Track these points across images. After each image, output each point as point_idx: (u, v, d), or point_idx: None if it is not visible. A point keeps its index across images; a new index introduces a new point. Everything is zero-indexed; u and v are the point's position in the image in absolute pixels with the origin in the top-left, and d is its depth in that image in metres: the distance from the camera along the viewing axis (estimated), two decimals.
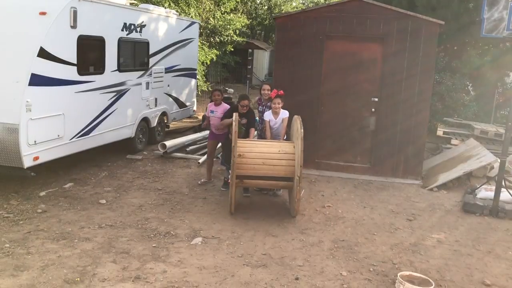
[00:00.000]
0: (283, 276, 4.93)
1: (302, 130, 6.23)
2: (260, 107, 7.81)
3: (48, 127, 7.09)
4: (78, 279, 4.65)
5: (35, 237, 5.59)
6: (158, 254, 5.30)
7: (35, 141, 6.80)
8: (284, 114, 7.22)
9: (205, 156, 8.57)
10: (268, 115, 7.32)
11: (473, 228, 6.62)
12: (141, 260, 5.13)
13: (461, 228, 6.59)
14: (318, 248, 5.66)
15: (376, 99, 8.75)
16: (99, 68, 8.29)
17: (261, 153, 6.50)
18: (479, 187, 7.85)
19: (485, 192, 7.57)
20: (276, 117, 7.23)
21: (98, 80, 8.22)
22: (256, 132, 7.92)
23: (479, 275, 5.19)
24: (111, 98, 8.65)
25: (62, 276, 4.69)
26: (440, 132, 11.62)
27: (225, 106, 7.61)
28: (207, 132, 11.63)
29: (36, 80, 6.78)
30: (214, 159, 8.46)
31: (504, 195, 7.26)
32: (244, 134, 7.27)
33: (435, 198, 7.89)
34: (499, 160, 7.59)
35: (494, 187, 7.29)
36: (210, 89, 19.19)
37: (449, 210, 7.33)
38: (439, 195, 8.10)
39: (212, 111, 7.73)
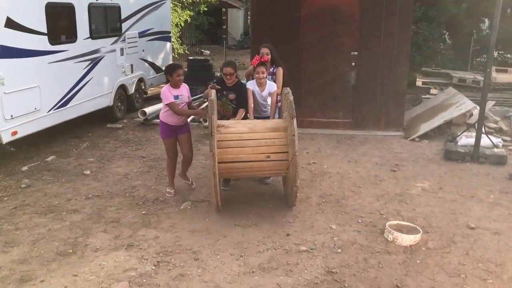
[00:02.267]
0: (274, 234, 5.00)
1: (293, 106, 5.17)
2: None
3: (24, 100, 6.90)
4: (71, 250, 4.65)
5: (21, 212, 5.53)
6: (148, 220, 5.31)
7: (11, 116, 6.63)
8: (272, 87, 6.02)
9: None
10: (251, 84, 6.00)
11: (456, 175, 6.77)
12: (132, 227, 5.14)
13: (444, 176, 6.74)
14: (306, 204, 5.73)
15: (356, 53, 8.71)
16: (71, 37, 8.03)
17: (247, 138, 5.30)
18: (459, 135, 7.99)
19: (466, 139, 7.71)
20: (262, 89, 5.98)
21: (71, 49, 7.97)
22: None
23: (464, 219, 5.35)
24: (86, 67, 8.42)
25: (54, 249, 4.68)
26: (419, 82, 11.72)
27: (186, 86, 5.89)
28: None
29: (6, 52, 6.54)
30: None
31: (484, 141, 7.41)
32: (234, 113, 5.96)
33: (417, 148, 8.02)
34: (478, 107, 7.71)
35: (474, 134, 7.43)
36: (187, 52, 18.87)
37: (432, 159, 7.47)
38: (421, 144, 8.23)
39: (176, 96, 5.66)
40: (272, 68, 6.35)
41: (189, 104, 5.90)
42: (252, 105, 5.94)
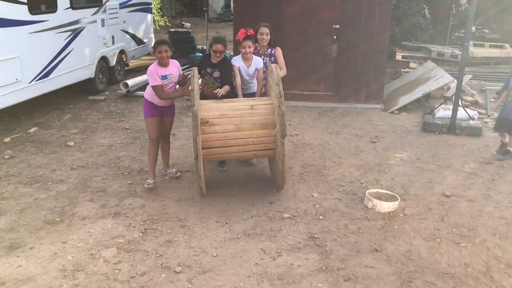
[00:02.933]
0: (258, 202, 5.14)
1: (280, 85, 4.96)
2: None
3: (4, 71, 6.81)
4: (58, 219, 4.72)
5: (6, 182, 5.55)
6: (134, 190, 5.40)
7: None
8: (258, 63, 5.66)
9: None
10: (237, 60, 5.62)
11: (433, 146, 6.99)
12: (118, 197, 5.22)
13: (422, 147, 6.96)
14: (289, 174, 5.87)
15: (338, 26, 8.77)
16: (51, 6, 7.89)
17: (232, 116, 5.10)
18: (437, 107, 8.20)
19: (443, 112, 7.92)
20: (248, 65, 5.60)
21: (52, 19, 7.84)
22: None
23: (440, 188, 5.57)
24: (67, 38, 8.31)
25: (41, 217, 4.74)
26: (399, 56, 11.86)
27: (175, 63, 5.41)
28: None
29: None
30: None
31: (461, 113, 7.63)
32: None
33: (396, 120, 8.22)
34: (455, 81, 7.91)
35: (451, 107, 7.64)
36: (168, 24, 18.63)
37: (410, 131, 7.67)
38: (400, 117, 8.43)
39: (164, 76, 5.19)
40: (270, 49, 5.91)
41: (181, 81, 5.45)
42: (240, 83, 5.62)
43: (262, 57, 5.83)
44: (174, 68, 5.32)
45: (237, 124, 5.10)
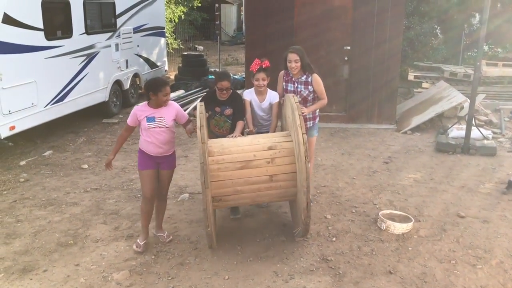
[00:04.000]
0: (270, 223, 5.12)
1: (300, 113, 4.27)
2: (289, 84, 5.17)
3: (21, 95, 6.97)
4: (71, 241, 4.75)
5: (21, 205, 5.61)
6: None
7: (9, 111, 6.70)
8: (273, 97, 5.09)
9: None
10: (249, 94, 5.10)
11: (447, 166, 6.93)
12: (131, 219, 5.24)
13: (435, 167, 6.89)
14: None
15: (349, 47, 8.83)
16: (67, 32, 8.10)
17: (244, 159, 4.35)
18: (450, 127, 8.15)
19: (457, 131, 7.87)
20: (262, 99, 5.06)
21: (67, 44, 8.03)
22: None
23: (454, 209, 5.49)
24: (82, 62, 8.49)
25: (55, 240, 4.77)
26: (411, 76, 11.86)
27: (174, 106, 4.53)
28: (181, 91, 11.65)
29: (4, 48, 6.61)
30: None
31: (475, 133, 7.57)
32: (232, 129, 4.93)
33: (409, 141, 8.17)
34: (468, 100, 7.87)
35: (464, 126, 7.59)
36: (181, 46, 18.90)
37: (423, 151, 7.62)
38: (413, 137, 8.38)
39: (150, 118, 4.35)
40: (305, 76, 5.08)
41: (184, 125, 4.62)
42: (250, 117, 5.04)
43: (296, 84, 5.10)
44: (169, 111, 4.42)
45: (249, 161, 4.38)
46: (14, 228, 5.02)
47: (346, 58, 8.90)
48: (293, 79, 5.13)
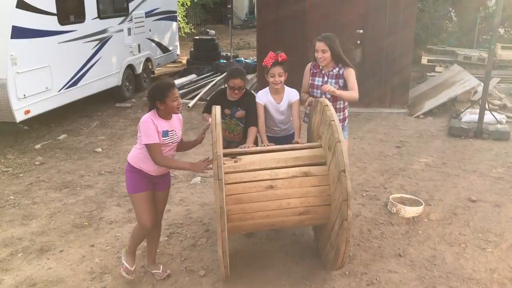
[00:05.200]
0: None
1: (336, 120, 3.57)
2: (317, 78, 4.45)
3: (35, 79, 7.06)
4: (86, 223, 4.85)
5: (37, 188, 5.73)
6: None
7: (24, 95, 6.79)
8: (292, 95, 4.36)
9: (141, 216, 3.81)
10: (263, 96, 4.35)
11: (459, 150, 6.90)
12: None
13: (448, 151, 6.87)
14: None
15: (361, 31, 8.76)
16: (80, 17, 8.14)
17: (267, 177, 3.64)
18: (463, 111, 8.09)
19: (470, 116, 7.81)
20: (279, 99, 4.33)
21: (80, 29, 8.08)
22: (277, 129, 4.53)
23: (466, 193, 5.49)
24: (95, 47, 8.54)
25: (70, 221, 4.88)
26: (424, 60, 11.75)
27: (179, 117, 3.81)
28: (193, 75, 11.67)
29: (18, 33, 6.68)
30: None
31: (488, 117, 7.51)
32: (245, 134, 4.32)
33: (422, 125, 8.14)
34: (482, 84, 7.79)
35: (478, 110, 7.53)
36: (193, 30, 18.86)
37: (436, 135, 7.59)
38: (426, 121, 8.34)
39: (165, 132, 3.59)
40: (337, 69, 4.39)
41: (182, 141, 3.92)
42: (263, 126, 4.31)
43: (326, 78, 4.40)
44: (178, 123, 3.77)
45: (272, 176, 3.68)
46: (31, 210, 5.14)
47: (358, 41, 8.84)
48: (322, 72, 4.42)
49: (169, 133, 3.61)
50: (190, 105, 9.38)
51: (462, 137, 7.41)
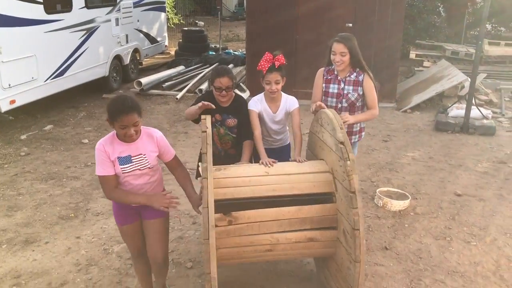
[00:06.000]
0: None
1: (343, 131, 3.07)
2: (331, 85, 3.96)
3: (21, 69, 6.95)
4: (73, 215, 4.81)
5: (23, 179, 5.67)
6: None
7: (9, 85, 6.69)
8: (291, 102, 3.80)
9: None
10: (257, 103, 3.76)
11: (445, 145, 6.96)
12: None
13: (434, 146, 6.93)
14: None
15: (350, 25, 8.77)
16: (66, 6, 8.02)
17: (267, 242, 3.14)
18: (450, 106, 8.15)
19: (456, 111, 7.88)
20: (275, 107, 3.77)
21: (67, 18, 7.97)
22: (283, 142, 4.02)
23: (451, 187, 5.55)
24: (82, 37, 8.44)
25: (56, 213, 4.84)
26: (412, 55, 11.79)
27: (153, 135, 3.03)
28: (181, 67, 11.60)
29: (3, 21, 6.57)
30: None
31: (474, 112, 7.58)
32: (236, 145, 3.79)
33: (409, 119, 8.19)
34: (469, 79, 7.85)
35: (464, 105, 7.59)
36: (182, 21, 18.72)
37: (423, 130, 7.64)
38: (413, 116, 8.40)
39: (124, 159, 2.93)
40: (355, 74, 3.90)
41: (171, 164, 3.17)
42: (260, 138, 3.68)
43: (342, 85, 3.91)
44: (149, 144, 3.00)
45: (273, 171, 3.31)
46: (16, 201, 5.08)
47: None
48: (338, 78, 3.91)
49: (132, 159, 2.92)
50: (178, 97, 9.32)
51: (449, 132, 7.47)
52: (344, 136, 3.02)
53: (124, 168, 2.92)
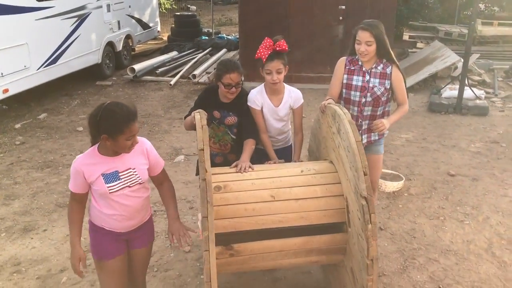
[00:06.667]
0: None
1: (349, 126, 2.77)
2: (355, 77, 3.55)
3: (13, 58, 6.91)
4: None
5: (19, 167, 5.68)
6: None
7: (1, 73, 6.66)
8: (295, 97, 3.45)
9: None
10: (259, 96, 3.38)
11: (439, 126, 7.01)
12: None
13: (428, 127, 6.98)
14: None
15: (343, 7, 8.74)
16: None
17: (269, 266, 3.03)
18: (444, 87, 8.19)
19: (450, 92, 7.92)
20: (278, 101, 3.40)
21: (58, 5, 7.89)
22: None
23: (445, 167, 5.61)
24: (73, 24, 8.37)
25: (53, 201, 4.87)
26: (406, 36, 11.79)
27: (142, 144, 2.65)
28: (174, 52, 11.54)
29: None
30: None
31: (468, 93, 7.62)
32: (236, 149, 3.40)
33: None
34: (462, 60, 7.88)
35: (457, 86, 7.63)
36: (174, 6, 18.57)
37: (416, 111, 7.69)
38: None
39: (110, 176, 2.53)
40: (382, 65, 3.50)
41: (158, 178, 2.84)
42: (267, 136, 3.42)
43: (367, 77, 3.50)
44: (138, 156, 2.63)
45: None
46: (13, 190, 5.11)
47: (341, 17, 8.82)
48: (363, 69, 3.50)
49: (120, 174, 2.53)
50: (172, 83, 9.30)
51: (442, 113, 7.52)
52: (368, 188, 2.52)
53: (112, 186, 2.52)
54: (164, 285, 3.59)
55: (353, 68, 3.52)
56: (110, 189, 2.52)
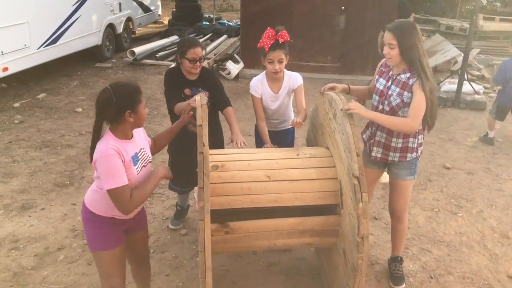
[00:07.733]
0: None
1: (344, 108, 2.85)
2: (381, 79, 3.24)
3: (13, 36, 6.88)
4: (68, 182, 4.87)
5: (17, 146, 5.69)
6: None
7: (2, 52, 6.63)
8: (295, 79, 3.56)
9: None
10: (258, 86, 3.54)
11: (437, 119, 7.02)
12: None
13: None
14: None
15: None
16: None
17: (264, 246, 3.03)
18: (443, 81, 8.21)
19: (448, 85, 7.95)
20: (277, 87, 3.54)
21: None
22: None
23: (441, 160, 5.66)
24: (74, 4, 8.33)
25: (51, 180, 4.89)
26: None
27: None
28: (174, 37, 11.50)
29: None
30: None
31: (466, 87, 7.66)
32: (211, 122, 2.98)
33: None
34: (462, 54, 7.90)
35: (457, 80, 7.66)
36: None
37: None
38: None
39: (135, 157, 2.52)
40: (408, 74, 3.03)
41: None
42: (264, 123, 3.55)
43: (390, 83, 3.14)
44: (142, 135, 2.70)
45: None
46: (11, 168, 5.13)
47: (343, 7, 8.81)
48: (389, 73, 3.18)
49: (138, 154, 2.54)
50: (172, 66, 9.26)
51: (440, 106, 7.55)
52: (360, 169, 2.57)
53: (137, 168, 2.51)
54: (160, 266, 3.64)
55: (384, 70, 3.26)
56: (137, 171, 2.51)
